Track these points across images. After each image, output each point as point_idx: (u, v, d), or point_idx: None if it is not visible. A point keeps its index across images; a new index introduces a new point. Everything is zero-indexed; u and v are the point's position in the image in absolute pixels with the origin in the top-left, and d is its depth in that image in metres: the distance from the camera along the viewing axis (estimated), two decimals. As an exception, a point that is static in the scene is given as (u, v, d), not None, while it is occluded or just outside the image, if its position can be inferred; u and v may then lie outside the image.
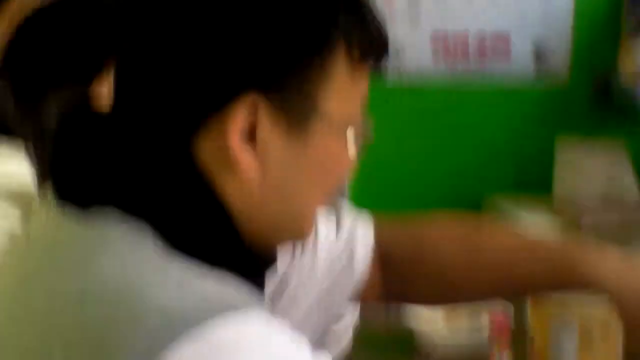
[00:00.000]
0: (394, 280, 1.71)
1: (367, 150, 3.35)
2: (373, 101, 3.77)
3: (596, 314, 1.90)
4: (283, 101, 1.25)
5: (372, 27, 1.32)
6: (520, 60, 3.57)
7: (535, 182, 3.56)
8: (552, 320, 1.91)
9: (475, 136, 3.58)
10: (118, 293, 1.18)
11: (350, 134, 1.31)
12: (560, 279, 1.71)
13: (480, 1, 3.55)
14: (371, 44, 1.31)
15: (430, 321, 2.26)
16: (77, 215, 1.27)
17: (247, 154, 1.25)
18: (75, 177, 1.30)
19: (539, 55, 3.57)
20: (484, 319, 2.13)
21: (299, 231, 1.37)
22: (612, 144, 3.45)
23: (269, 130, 1.25)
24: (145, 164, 1.27)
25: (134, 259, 1.22)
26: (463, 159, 3.59)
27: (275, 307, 1.57)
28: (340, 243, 1.71)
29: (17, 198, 1.76)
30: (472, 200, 3.58)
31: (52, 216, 1.31)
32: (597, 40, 3.57)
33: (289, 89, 1.25)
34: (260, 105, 1.23)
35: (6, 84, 2.30)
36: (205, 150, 1.26)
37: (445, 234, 1.75)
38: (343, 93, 1.29)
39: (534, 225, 3.28)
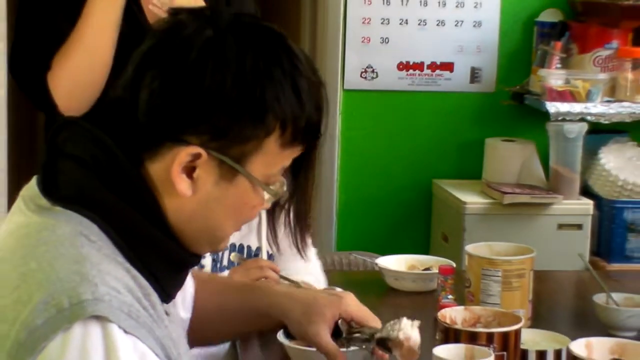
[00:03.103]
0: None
1: (351, 143, 3.21)
2: (355, 105, 3.70)
3: (515, 265, 1.90)
4: (221, 159, 1.23)
5: (308, 116, 1.26)
6: (460, 78, 3.53)
7: (470, 169, 3.52)
8: (481, 268, 1.90)
9: (426, 131, 3.54)
10: (34, 276, 1.17)
11: (266, 189, 1.27)
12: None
13: (432, 40, 3.52)
14: (302, 131, 1.26)
15: (396, 267, 2.21)
16: (44, 211, 1.24)
17: (183, 182, 1.22)
18: (50, 178, 1.26)
19: (475, 75, 3.54)
20: (435, 271, 2.10)
21: (214, 246, 1.33)
22: (525, 141, 3.43)
23: (204, 172, 1.23)
24: (103, 170, 1.24)
25: (64, 252, 1.19)
26: (415, 149, 3.55)
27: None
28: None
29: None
30: (420, 185, 3.55)
31: (26, 209, 1.26)
32: (515, 65, 3.54)
33: (227, 152, 1.22)
34: (202, 155, 1.21)
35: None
36: (156, 169, 1.24)
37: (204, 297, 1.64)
38: (269, 161, 1.25)
39: (467, 202, 3.26)
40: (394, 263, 2.22)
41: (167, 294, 1.29)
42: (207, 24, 1.24)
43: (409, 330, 1.51)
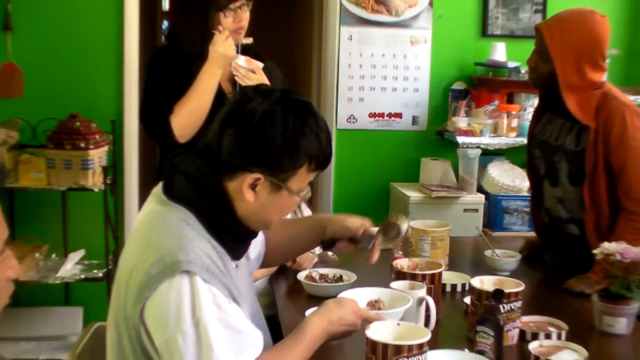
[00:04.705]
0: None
1: (341, 161, 3.00)
2: (343, 138, 3.57)
3: (438, 233, 1.90)
4: (272, 181, 1.21)
5: (325, 154, 1.23)
6: (406, 122, 3.48)
7: (412, 176, 3.49)
8: (419, 235, 1.90)
9: (386, 154, 3.49)
10: (154, 243, 1.16)
11: (299, 197, 1.24)
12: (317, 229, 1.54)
13: (389, 99, 3.45)
14: (321, 164, 1.24)
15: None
16: (164, 203, 1.22)
17: (249, 194, 1.20)
18: (169, 184, 1.24)
19: (414, 120, 3.49)
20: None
21: (265, 228, 1.30)
22: (444, 160, 3.41)
23: (262, 188, 1.21)
24: (199, 184, 1.21)
25: (172, 231, 1.17)
26: (380, 165, 3.50)
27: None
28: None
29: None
30: (383, 186, 3.50)
31: (154, 201, 1.25)
32: (438, 114, 3.49)
33: (276, 177, 1.21)
34: (261, 178, 1.20)
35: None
36: (233, 185, 1.21)
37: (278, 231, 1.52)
38: (301, 180, 1.23)
39: (410, 196, 3.21)
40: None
41: (235, 255, 1.27)
42: (264, 99, 1.21)
43: (403, 221, 1.50)
